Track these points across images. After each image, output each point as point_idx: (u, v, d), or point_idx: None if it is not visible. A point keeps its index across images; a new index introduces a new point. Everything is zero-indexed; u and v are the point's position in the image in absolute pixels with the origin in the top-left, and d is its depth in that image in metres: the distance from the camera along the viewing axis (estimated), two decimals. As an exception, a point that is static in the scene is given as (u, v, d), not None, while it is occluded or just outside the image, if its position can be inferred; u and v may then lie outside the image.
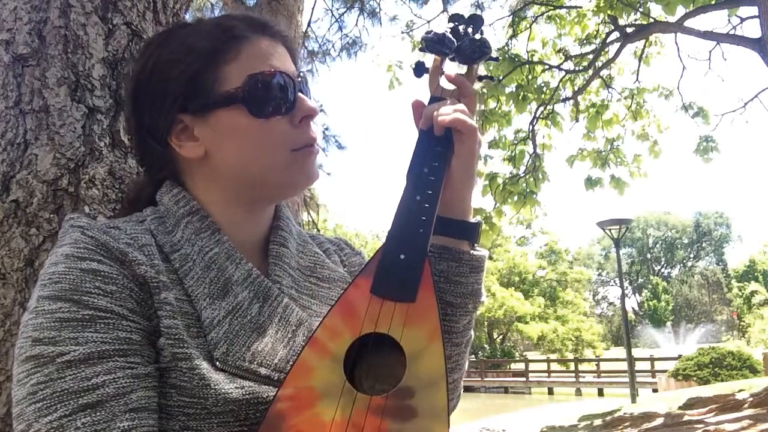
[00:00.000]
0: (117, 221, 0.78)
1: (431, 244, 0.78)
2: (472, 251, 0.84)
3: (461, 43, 0.86)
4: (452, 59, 0.88)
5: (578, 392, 24.17)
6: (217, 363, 0.68)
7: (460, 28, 0.88)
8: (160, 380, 0.68)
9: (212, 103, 0.77)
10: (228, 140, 0.78)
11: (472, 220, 0.85)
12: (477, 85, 0.90)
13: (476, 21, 0.88)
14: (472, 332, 0.90)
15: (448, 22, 0.89)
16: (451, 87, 0.85)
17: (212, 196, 0.81)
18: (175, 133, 0.79)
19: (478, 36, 0.87)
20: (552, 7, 8.21)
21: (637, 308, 57.66)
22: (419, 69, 0.88)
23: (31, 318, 0.65)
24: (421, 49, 0.87)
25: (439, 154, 0.79)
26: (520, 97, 7.82)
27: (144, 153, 0.84)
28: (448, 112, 0.79)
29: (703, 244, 63.25)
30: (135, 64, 0.86)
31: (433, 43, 0.85)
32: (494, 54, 0.89)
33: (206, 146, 0.79)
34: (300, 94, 0.80)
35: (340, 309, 0.71)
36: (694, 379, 12.88)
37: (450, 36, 0.86)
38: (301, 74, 0.83)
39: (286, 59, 0.82)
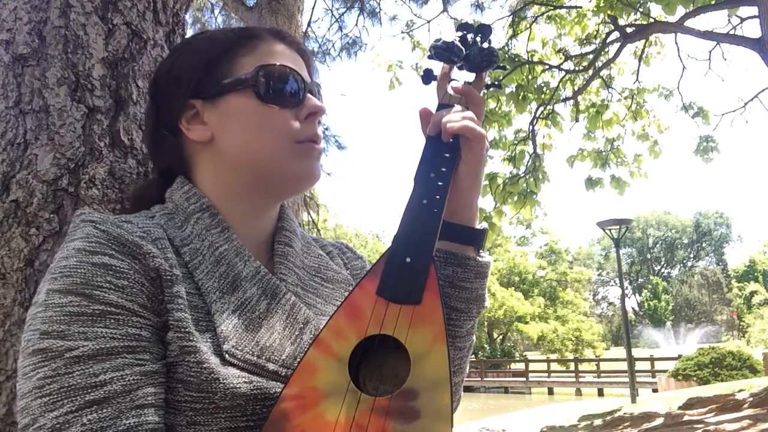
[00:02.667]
0: (128, 216, 0.78)
1: (437, 249, 0.78)
2: (477, 257, 0.84)
3: (469, 51, 0.87)
4: (460, 67, 0.89)
5: (578, 392, 24.16)
6: (226, 356, 0.69)
7: (469, 36, 0.89)
8: (167, 376, 0.67)
9: (223, 88, 0.80)
10: (233, 123, 0.80)
11: (478, 226, 0.85)
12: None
13: (485, 30, 0.89)
14: (474, 337, 0.90)
15: (457, 30, 0.90)
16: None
17: (219, 190, 0.82)
18: (186, 117, 0.82)
19: (486, 45, 0.88)
20: (552, 7, 8.20)
21: (637, 308, 57.68)
22: (427, 76, 0.88)
23: (40, 311, 0.65)
24: (429, 57, 0.88)
25: (446, 159, 0.80)
26: (520, 97, 7.81)
27: (154, 143, 0.87)
28: (457, 119, 0.79)
29: (703, 244, 63.25)
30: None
31: (441, 51, 0.86)
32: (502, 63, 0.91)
33: (213, 130, 0.81)
34: (309, 94, 0.83)
35: (345, 310, 0.71)
36: (694, 379, 12.88)
37: (458, 44, 0.87)
38: (316, 83, 0.85)
39: (299, 64, 0.85)
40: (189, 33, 0.93)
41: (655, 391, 16.67)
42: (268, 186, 0.82)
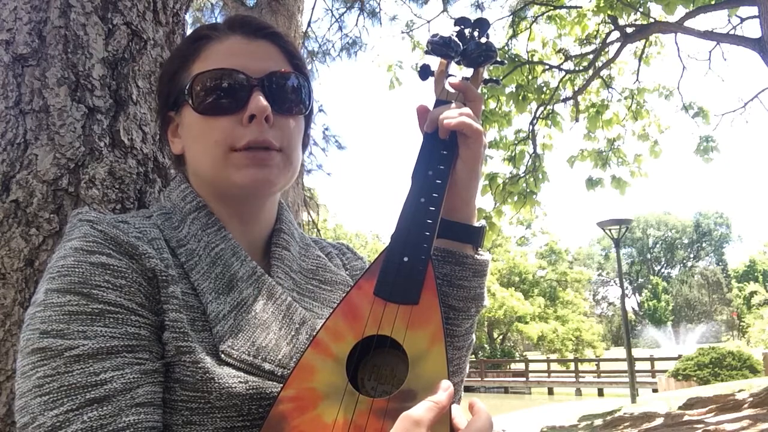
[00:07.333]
0: (124, 216, 0.79)
1: (435, 247, 0.77)
2: (475, 255, 0.83)
3: (467, 46, 0.86)
4: (458, 62, 0.87)
5: (578, 392, 24.15)
6: (222, 355, 0.69)
7: (466, 31, 0.88)
8: (165, 375, 0.68)
9: (177, 101, 0.82)
10: (186, 136, 0.82)
11: (476, 224, 0.84)
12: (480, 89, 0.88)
13: (482, 25, 0.88)
14: (474, 336, 0.89)
15: (454, 25, 0.88)
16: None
17: (201, 193, 0.83)
18: (171, 129, 0.85)
19: (483, 39, 0.87)
20: (552, 7, 8.20)
21: (637, 308, 57.63)
22: (424, 72, 0.86)
23: (39, 310, 0.65)
24: (426, 52, 0.87)
25: (443, 157, 0.78)
26: (520, 97, 7.81)
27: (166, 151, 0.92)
28: (454, 116, 0.78)
29: (703, 244, 63.19)
30: None
31: (438, 46, 0.85)
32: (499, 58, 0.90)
33: (183, 143, 0.83)
34: (258, 93, 0.77)
35: (343, 311, 0.70)
36: (694, 379, 12.88)
37: (456, 39, 0.85)
38: (275, 74, 0.79)
39: (257, 57, 0.80)
40: (189, 33, 0.93)
41: (655, 391, 16.66)
42: (226, 195, 0.81)
